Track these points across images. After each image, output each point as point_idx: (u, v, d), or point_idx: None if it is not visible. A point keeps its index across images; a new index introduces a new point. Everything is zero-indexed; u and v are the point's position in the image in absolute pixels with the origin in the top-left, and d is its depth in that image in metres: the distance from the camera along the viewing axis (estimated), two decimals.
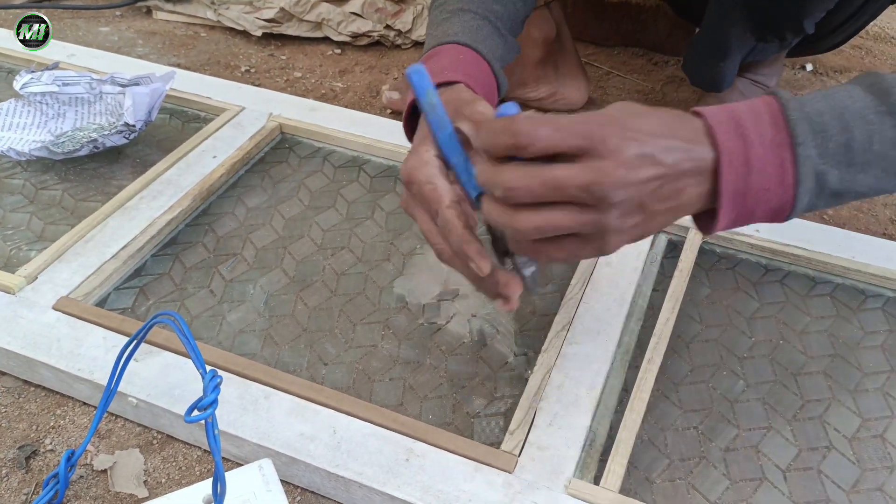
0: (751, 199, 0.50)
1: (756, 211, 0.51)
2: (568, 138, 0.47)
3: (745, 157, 0.49)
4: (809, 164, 0.49)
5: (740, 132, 0.49)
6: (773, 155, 0.49)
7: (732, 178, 0.49)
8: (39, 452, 0.65)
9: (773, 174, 0.49)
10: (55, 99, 0.94)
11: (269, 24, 1.31)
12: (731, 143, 0.49)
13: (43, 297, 0.73)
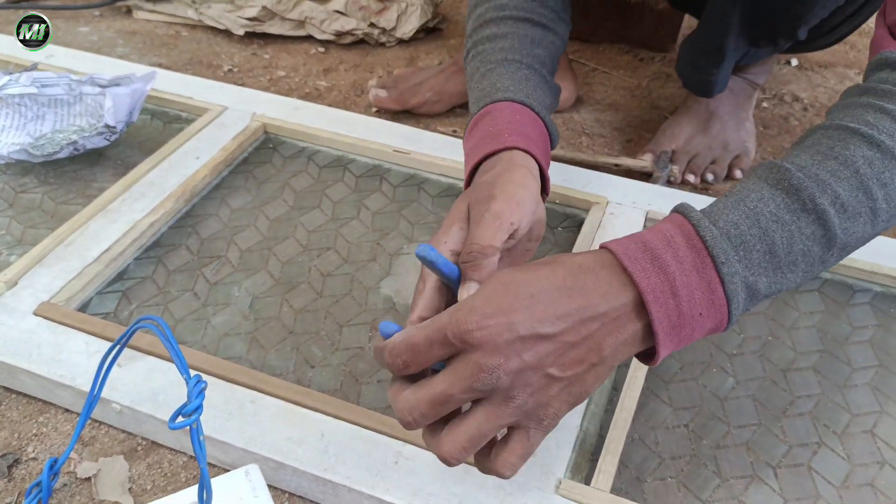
0: (686, 327, 0.48)
1: (694, 335, 0.49)
2: (433, 348, 0.46)
3: (670, 289, 0.47)
4: (737, 280, 0.48)
5: (658, 264, 0.47)
6: (698, 279, 0.48)
7: (663, 313, 0.47)
8: (22, 461, 0.64)
9: (703, 299, 0.48)
10: (34, 101, 0.93)
11: (251, 23, 1.30)
12: (652, 279, 0.47)
13: (23, 303, 0.72)
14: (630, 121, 1.14)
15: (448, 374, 0.46)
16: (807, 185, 0.50)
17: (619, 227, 0.82)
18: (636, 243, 0.48)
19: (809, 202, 0.50)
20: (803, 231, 0.50)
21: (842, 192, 0.50)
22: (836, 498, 0.61)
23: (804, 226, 0.50)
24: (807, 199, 0.50)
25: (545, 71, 0.73)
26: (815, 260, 0.51)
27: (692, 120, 1.03)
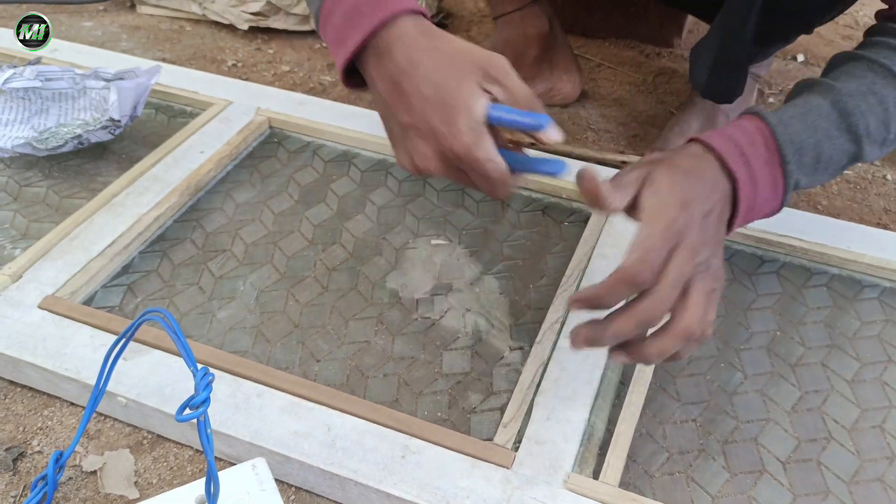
0: (756, 210, 0.61)
1: (755, 216, 0.62)
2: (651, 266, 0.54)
3: (751, 178, 0.59)
4: (792, 177, 0.61)
5: (745, 160, 0.59)
6: (769, 173, 0.60)
7: (745, 198, 0.59)
8: (27, 454, 0.64)
9: (770, 187, 0.61)
10: (38, 94, 0.92)
11: (255, 18, 1.29)
12: (742, 171, 0.59)
13: (28, 296, 0.71)
14: (635, 116, 1.13)
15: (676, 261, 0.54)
16: (853, 111, 0.62)
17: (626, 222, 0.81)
18: (728, 142, 0.60)
19: (853, 126, 0.63)
20: (842, 147, 0.63)
21: (872, 123, 0.63)
22: (846, 493, 0.61)
23: (844, 142, 0.63)
24: (852, 123, 0.63)
25: None
26: (839, 170, 0.65)
27: (699, 116, 1.03)
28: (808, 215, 0.84)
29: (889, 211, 0.95)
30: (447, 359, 0.71)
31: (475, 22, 1.39)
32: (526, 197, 0.89)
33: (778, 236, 0.80)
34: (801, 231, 0.81)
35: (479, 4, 1.45)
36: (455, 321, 0.74)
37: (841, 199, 0.97)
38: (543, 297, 0.77)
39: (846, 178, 1.01)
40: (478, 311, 0.75)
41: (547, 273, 0.80)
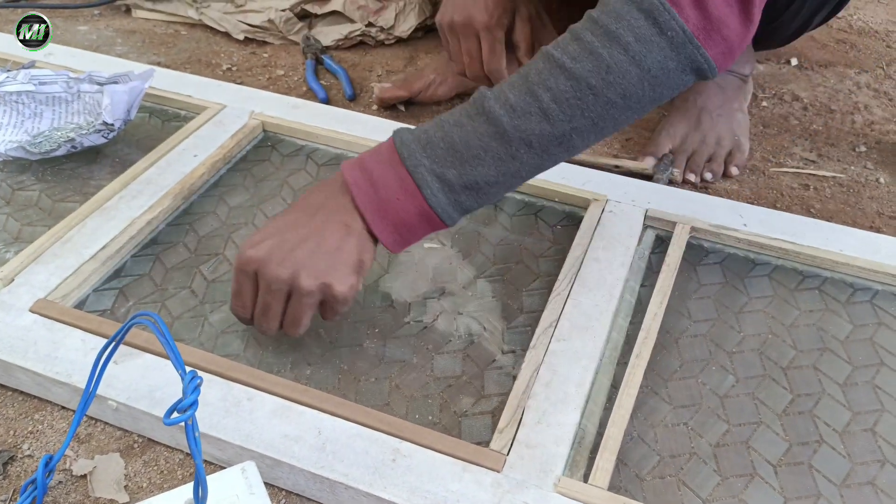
0: (391, 210, 0.64)
1: (406, 220, 0.64)
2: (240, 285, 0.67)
3: (369, 180, 0.64)
4: (423, 170, 0.63)
5: (361, 165, 0.65)
6: (391, 172, 0.64)
7: (363, 197, 0.64)
8: (17, 458, 0.64)
9: (396, 186, 0.63)
10: (32, 98, 0.92)
11: (252, 29, 1.29)
12: (356, 175, 0.65)
13: (19, 300, 0.71)
14: None
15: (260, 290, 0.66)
16: (484, 96, 0.63)
17: (618, 225, 0.82)
18: (356, 160, 0.66)
19: (482, 107, 0.63)
20: (477, 130, 0.63)
21: (511, 97, 0.62)
22: (837, 496, 0.61)
23: (478, 125, 0.63)
24: (480, 105, 0.63)
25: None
26: (501, 154, 0.63)
27: (683, 117, 1.03)
28: (800, 218, 0.84)
29: (882, 214, 0.95)
30: (439, 362, 0.71)
31: None
32: (519, 200, 0.89)
33: (770, 239, 0.80)
34: (793, 234, 0.81)
35: None
36: (447, 325, 0.74)
37: (834, 202, 0.97)
38: (536, 301, 0.77)
39: (839, 181, 1.01)
40: (470, 315, 0.75)
41: (539, 276, 0.80)
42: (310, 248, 0.64)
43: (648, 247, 0.82)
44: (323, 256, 0.64)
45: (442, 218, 0.64)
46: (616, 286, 0.75)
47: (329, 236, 0.64)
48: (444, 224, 0.65)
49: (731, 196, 0.97)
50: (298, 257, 0.64)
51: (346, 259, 0.64)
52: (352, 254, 0.65)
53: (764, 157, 1.06)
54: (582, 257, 0.78)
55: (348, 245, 0.65)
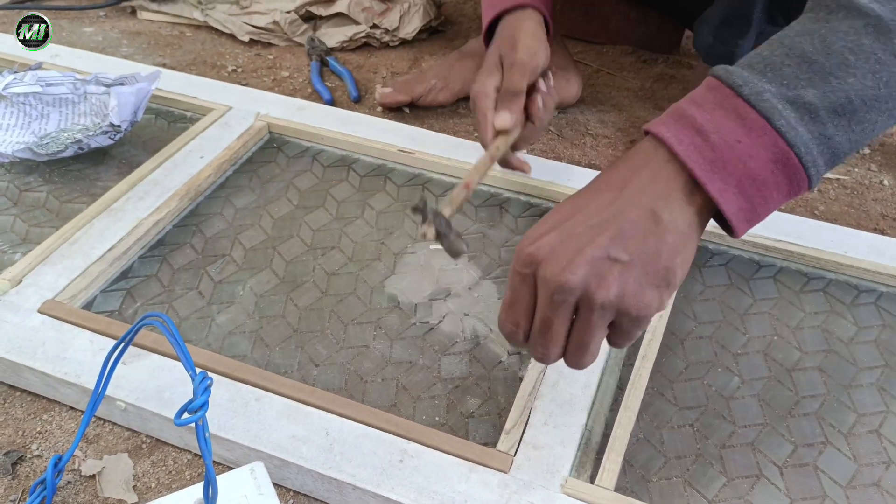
0: (732, 160, 0.46)
1: (755, 172, 0.46)
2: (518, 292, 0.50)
3: (694, 129, 0.47)
4: (768, 96, 0.46)
5: (678, 115, 0.48)
6: (723, 112, 0.47)
7: (688, 149, 0.47)
8: (26, 458, 0.64)
9: (734, 126, 0.46)
10: (38, 100, 0.93)
11: (257, 31, 1.30)
12: (671, 126, 0.48)
13: (28, 301, 0.72)
14: (633, 122, 1.13)
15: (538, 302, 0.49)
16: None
17: None
18: (665, 113, 0.49)
19: (837, 3, 0.47)
20: (838, 29, 0.46)
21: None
22: (843, 498, 0.61)
23: (836, 24, 0.47)
24: (833, 3, 0.47)
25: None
26: (879, 54, 0.46)
27: None
28: (805, 220, 0.85)
29: (886, 216, 0.96)
30: (445, 363, 0.71)
31: (474, 28, 1.39)
32: (524, 202, 0.89)
33: (775, 241, 0.81)
34: (797, 236, 0.81)
35: (478, 11, 1.46)
36: (453, 326, 0.75)
37: (838, 204, 0.97)
38: None
39: (843, 183, 1.01)
40: (476, 316, 0.75)
41: None
42: (604, 244, 0.47)
43: None
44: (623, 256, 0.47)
45: (805, 163, 0.46)
46: None
47: (632, 227, 0.47)
48: (805, 175, 0.47)
49: None
50: (589, 257, 0.46)
51: (652, 261, 0.47)
52: (661, 255, 0.47)
53: None
54: None
55: (657, 241, 0.47)
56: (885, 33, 0.46)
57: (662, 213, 0.47)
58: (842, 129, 0.46)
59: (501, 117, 0.75)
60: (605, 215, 0.48)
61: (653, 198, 0.47)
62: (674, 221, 0.47)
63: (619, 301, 0.47)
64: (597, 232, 0.47)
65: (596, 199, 0.49)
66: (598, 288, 0.46)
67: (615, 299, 0.46)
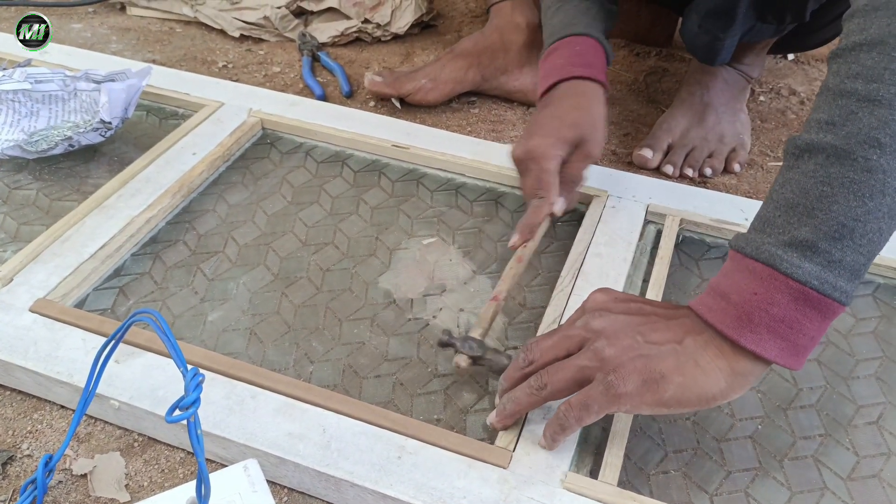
0: (756, 313, 0.51)
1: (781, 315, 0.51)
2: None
3: (716, 295, 0.54)
4: (768, 248, 0.52)
5: (709, 286, 0.56)
6: (737, 275, 0.53)
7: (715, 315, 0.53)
8: (16, 458, 0.63)
9: (744, 282, 0.52)
10: (28, 97, 0.92)
11: (248, 26, 1.29)
12: (702, 302, 0.55)
13: (19, 300, 0.71)
14: (627, 115, 1.13)
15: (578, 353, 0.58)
16: (792, 141, 0.54)
17: (620, 221, 0.81)
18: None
19: (796, 149, 0.53)
20: (806, 170, 0.52)
21: (823, 116, 0.52)
22: (843, 490, 0.61)
23: (804, 166, 0.52)
24: (793, 149, 0.54)
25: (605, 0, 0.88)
26: (851, 176, 0.50)
27: (687, 112, 1.03)
28: None
29: None
30: (441, 359, 0.70)
31: (465, 23, 1.39)
32: (519, 197, 0.88)
33: None
34: None
35: (470, 5, 1.45)
36: (448, 321, 0.74)
37: None
38: (538, 297, 0.76)
39: None
40: (470, 311, 0.75)
41: (541, 272, 0.79)
42: (646, 326, 0.56)
43: (650, 242, 0.81)
44: (652, 346, 0.55)
45: (823, 291, 0.50)
46: (618, 281, 0.74)
47: (676, 338, 0.55)
48: (831, 301, 0.50)
49: (730, 190, 0.97)
50: (627, 322, 0.57)
51: (651, 364, 0.54)
52: (690, 374, 0.53)
53: (762, 152, 1.05)
54: (584, 253, 0.77)
55: (697, 357, 0.54)
56: (846, 157, 0.50)
57: (686, 339, 0.55)
58: (849, 249, 0.50)
59: (561, 203, 0.75)
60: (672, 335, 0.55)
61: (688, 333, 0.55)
62: (696, 352, 0.54)
63: (639, 390, 0.53)
64: (661, 342, 0.55)
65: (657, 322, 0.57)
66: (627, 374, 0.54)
67: (607, 361, 0.55)
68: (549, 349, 0.58)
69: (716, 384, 0.53)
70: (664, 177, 0.98)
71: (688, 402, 0.53)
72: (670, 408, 0.54)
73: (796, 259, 0.50)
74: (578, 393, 0.56)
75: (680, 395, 0.53)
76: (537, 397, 0.57)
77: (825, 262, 0.50)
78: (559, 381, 0.56)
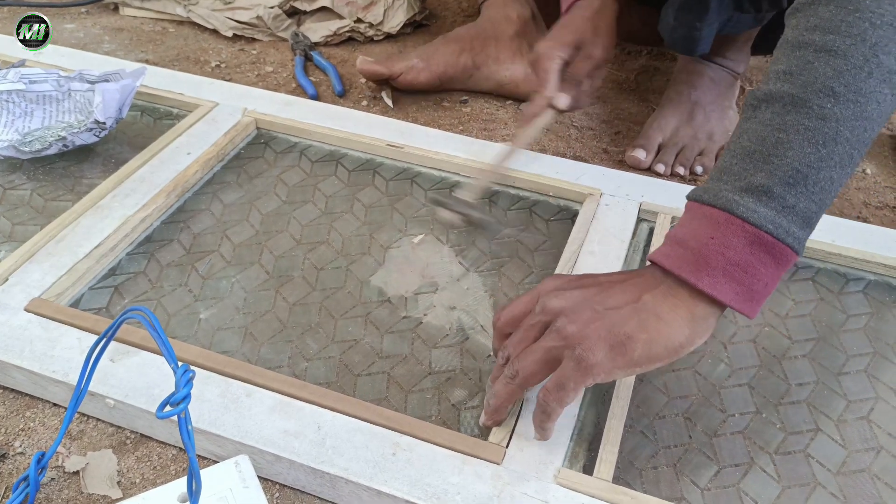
0: (712, 256, 0.53)
1: (735, 259, 0.52)
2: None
3: (674, 243, 0.56)
4: (726, 194, 0.53)
5: (667, 237, 0.57)
6: (695, 223, 0.55)
7: (674, 261, 0.55)
8: (9, 455, 0.63)
9: (704, 227, 0.54)
10: (22, 97, 0.92)
11: (241, 26, 1.29)
12: (660, 252, 0.56)
13: (14, 299, 0.71)
14: (618, 114, 1.14)
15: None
16: (752, 92, 0.56)
17: (613, 219, 0.82)
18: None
19: (755, 99, 0.55)
20: (763, 119, 0.54)
21: (781, 66, 0.54)
22: (833, 484, 0.62)
23: (762, 115, 0.54)
24: (752, 100, 0.55)
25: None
26: (806, 123, 0.52)
27: (676, 111, 1.03)
28: None
29: (868, 204, 0.96)
30: (435, 356, 0.71)
31: (458, 22, 1.39)
32: (513, 195, 0.89)
33: None
34: None
35: (463, 5, 1.46)
36: (443, 319, 0.74)
37: None
38: None
39: None
40: (462, 309, 0.75)
41: (535, 270, 0.80)
42: (602, 295, 0.57)
43: (643, 240, 0.82)
44: (611, 312, 0.55)
45: (777, 235, 0.52)
46: None
47: (633, 298, 0.56)
48: (785, 246, 0.52)
49: None
50: (583, 296, 0.57)
51: (616, 328, 0.54)
52: (654, 328, 0.54)
53: None
54: (578, 251, 0.78)
55: (657, 311, 0.55)
56: (802, 105, 0.52)
57: (643, 296, 0.55)
58: (802, 196, 0.52)
59: (564, 98, 0.83)
60: (627, 295, 0.57)
61: (643, 289, 0.56)
62: (655, 305, 0.55)
63: (572, 337, 0.55)
64: (614, 299, 0.57)
65: (609, 283, 0.59)
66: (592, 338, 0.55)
67: (571, 337, 0.55)
68: (519, 342, 0.59)
69: (680, 333, 0.54)
70: (656, 175, 0.99)
71: (657, 356, 0.54)
72: (642, 366, 0.55)
73: (752, 203, 0.52)
74: (552, 376, 0.56)
75: (649, 352, 0.54)
76: (513, 386, 0.58)
77: (780, 206, 0.52)
78: (529, 366, 0.57)
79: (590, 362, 0.54)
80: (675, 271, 0.54)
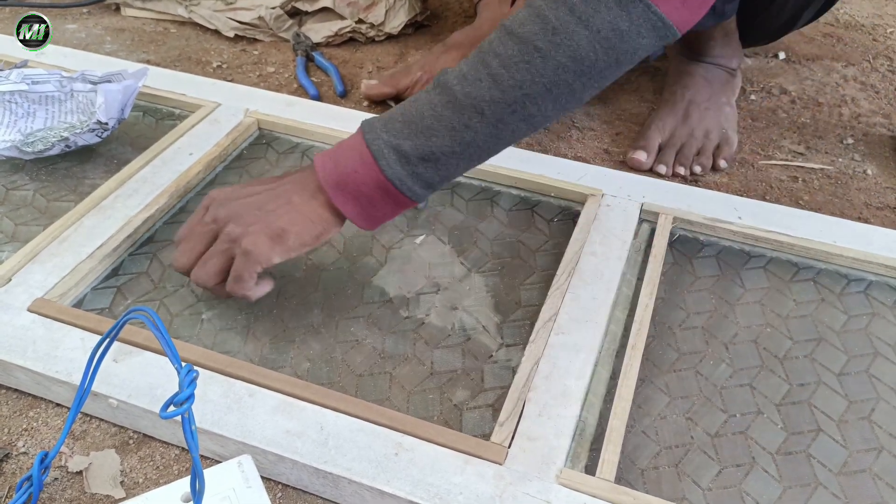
0: (350, 182, 0.66)
1: (365, 192, 0.66)
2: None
3: (332, 159, 0.67)
4: (380, 143, 0.65)
5: (330, 152, 0.69)
6: (353, 151, 0.67)
7: (324, 173, 0.67)
8: (12, 455, 0.63)
9: (355, 159, 0.66)
10: (24, 97, 0.92)
11: (242, 27, 1.29)
12: (321, 159, 0.68)
13: (17, 300, 0.71)
14: (619, 114, 1.14)
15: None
16: (444, 71, 0.65)
17: (614, 219, 0.82)
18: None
19: (438, 81, 0.65)
20: (431, 101, 0.64)
21: (464, 67, 0.64)
22: (835, 484, 0.62)
23: (432, 97, 0.65)
24: (437, 79, 0.65)
25: None
26: (454, 123, 0.64)
27: (672, 111, 1.04)
28: (794, 211, 0.85)
29: (869, 205, 0.96)
30: (438, 356, 0.71)
31: (459, 23, 1.39)
32: (515, 195, 0.89)
33: (765, 232, 0.81)
34: (787, 227, 0.82)
35: (464, 5, 1.46)
36: (445, 319, 0.75)
37: (822, 193, 0.98)
38: (533, 295, 0.77)
39: (827, 173, 1.02)
40: (464, 309, 0.75)
41: (536, 271, 0.80)
42: (261, 200, 0.69)
43: (644, 240, 0.82)
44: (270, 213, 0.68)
45: (401, 190, 0.66)
46: (613, 279, 0.75)
47: (286, 201, 0.69)
48: (405, 198, 0.66)
49: (722, 189, 0.98)
50: (246, 203, 0.69)
51: (274, 222, 0.67)
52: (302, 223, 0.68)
53: (753, 150, 1.06)
54: (580, 252, 0.78)
55: (303, 210, 0.68)
56: (458, 109, 0.63)
57: (293, 199, 0.68)
58: (429, 169, 0.65)
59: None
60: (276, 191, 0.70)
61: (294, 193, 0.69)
62: (302, 206, 0.68)
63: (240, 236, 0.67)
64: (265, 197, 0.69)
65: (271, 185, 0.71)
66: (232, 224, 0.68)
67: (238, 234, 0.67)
68: (191, 250, 0.70)
69: (320, 226, 0.68)
70: (658, 176, 0.99)
71: (305, 243, 0.68)
72: (296, 251, 0.68)
73: (393, 162, 0.65)
74: (231, 272, 0.68)
75: (300, 240, 0.68)
76: (216, 292, 0.71)
77: (411, 172, 0.65)
78: (211, 275, 0.69)
79: (254, 252, 0.66)
80: (321, 182, 0.67)
